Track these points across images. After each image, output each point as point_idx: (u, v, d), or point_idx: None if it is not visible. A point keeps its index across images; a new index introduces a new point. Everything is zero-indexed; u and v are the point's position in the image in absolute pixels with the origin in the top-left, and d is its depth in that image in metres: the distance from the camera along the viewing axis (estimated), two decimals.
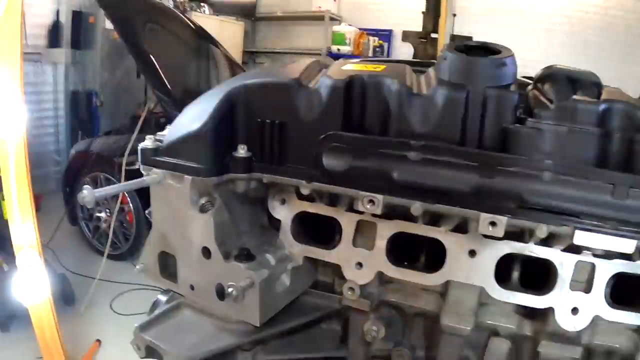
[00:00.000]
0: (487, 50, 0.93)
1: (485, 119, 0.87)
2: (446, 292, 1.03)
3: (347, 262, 0.99)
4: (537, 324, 1.01)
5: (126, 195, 3.66)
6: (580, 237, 0.85)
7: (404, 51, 4.93)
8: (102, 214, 3.94)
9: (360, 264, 0.98)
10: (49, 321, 2.68)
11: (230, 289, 0.89)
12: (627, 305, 0.93)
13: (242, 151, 1.01)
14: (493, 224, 0.84)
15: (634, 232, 0.85)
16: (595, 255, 0.91)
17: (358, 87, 0.91)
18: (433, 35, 4.29)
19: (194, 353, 0.91)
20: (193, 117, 1.04)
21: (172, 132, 1.07)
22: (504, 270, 1.04)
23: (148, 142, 1.09)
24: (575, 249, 0.91)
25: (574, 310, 0.93)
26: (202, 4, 5.08)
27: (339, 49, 5.06)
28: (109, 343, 2.97)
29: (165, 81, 3.47)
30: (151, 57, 3.55)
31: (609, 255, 0.90)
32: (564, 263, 0.93)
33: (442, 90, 0.87)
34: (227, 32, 5.15)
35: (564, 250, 0.92)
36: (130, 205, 3.66)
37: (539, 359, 1.02)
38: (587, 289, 0.93)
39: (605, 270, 0.91)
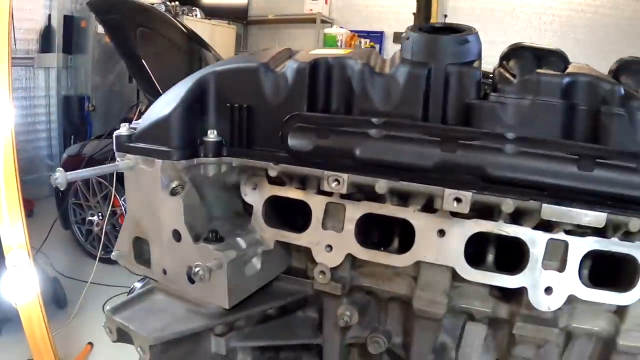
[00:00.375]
0: (452, 30, 0.95)
1: (448, 96, 0.88)
2: (418, 275, 1.03)
3: (317, 245, 0.99)
4: (512, 307, 1.00)
5: (118, 198, 3.68)
6: (548, 212, 0.84)
7: None
8: (95, 218, 3.95)
9: (330, 247, 0.98)
10: (38, 321, 2.70)
11: (197, 269, 0.90)
12: (610, 286, 0.91)
13: (212, 135, 1.02)
14: (458, 200, 0.84)
15: (604, 205, 0.83)
16: (567, 233, 0.90)
17: (323, 69, 0.93)
18: None
19: (163, 334, 0.92)
20: (165, 103, 1.06)
21: (145, 118, 1.09)
22: (479, 252, 1.05)
23: (123, 130, 1.11)
24: (547, 227, 0.90)
25: (548, 290, 0.92)
26: (193, 8, 5.13)
27: None
28: (100, 346, 2.98)
29: (157, 85, 3.50)
30: (142, 61, 3.59)
31: (582, 232, 0.90)
32: (535, 241, 0.91)
33: (403, 68, 0.88)
34: (219, 36, 5.21)
35: (535, 228, 0.91)
36: (123, 208, 3.68)
37: (514, 342, 1.02)
38: (561, 267, 0.92)
39: (579, 248, 0.90)
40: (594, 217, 0.83)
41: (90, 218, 3.96)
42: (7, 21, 2.28)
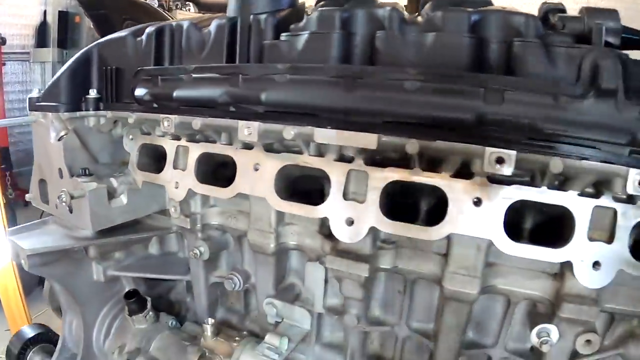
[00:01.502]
0: None
1: (251, 40, 1.10)
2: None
3: (169, 182, 1.28)
4: (332, 242, 1.09)
5: None
6: (320, 135, 0.95)
7: None
8: None
9: (177, 183, 1.26)
10: (14, 293, 3.14)
11: (61, 194, 1.21)
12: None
13: (92, 93, 1.36)
14: (249, 132, 1.04)
15: (380, 128, 0.89)
16: (369, 165, 0.98)
17: (167, 32, 1.23)
18: None
19: (38, 246, 1.23)
20: (60, 70, 1.40)
21: (49, 83, 1.43)
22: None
23: (34, 93, 1.46)
24: (350, 159, 1.00)
25: (349, 221, 1.00)
26: (187, 2, 5.59)
27: None
28: None
29: None
30: None
31: (382, 163, 0.98)
32: (335, 172, 1.01)
33: (215, 22, 1.15)
34: None
35: (337, 160, 1.02)
36: None
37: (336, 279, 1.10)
38: (363, 199, 0.99)
39: (378, 179, 0.97)
40: (365, 139, 0.91)
41: None
42: None
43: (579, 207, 0.87)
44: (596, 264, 0.88)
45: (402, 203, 1.08)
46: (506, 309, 1.09)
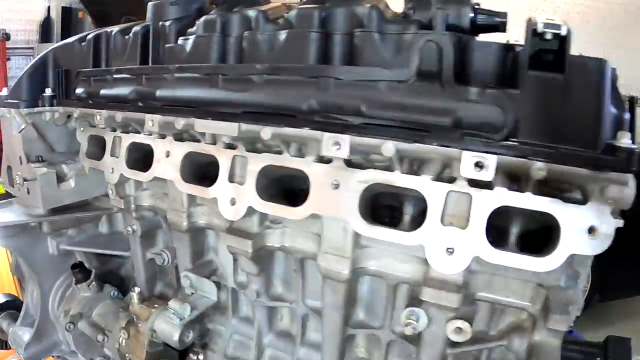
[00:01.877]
0: None
1: (159, 44, 1.36)
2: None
3: (107, 168, 1.56)
4: (229, 222, 1.25)
5: None
6: (199, 125, 1.18)
7: None
8: None
9: (112, 169, 1.54)
10: (7, 274, 3.51)
11: (16, 177, 1.51)
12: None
13: (47, 91, 1.66)
14: (152, 124, 1.29)
15: (235, 116, 1.04)
16: (251, 152, 1.15)
17: (103, 39, 1.52)
18: None
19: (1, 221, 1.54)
20: (22, 72, 1.71)
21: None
22: None
23: (3, 92, 1.77)
24: (236, 147, 1.17)
25: (232, 201, 1.18)
26: None
27: None
28: None
29: None
30: None
31: (257, 149, 1.15)
32: (222, 157, 1.19)
33: (134, 28, 1.41)
34: None
35: (226, 147, 1.19)
36: None
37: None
38: (243, 181, 1.16)
39: (255, 164, 1.15)
40: (229, 127, 1.11)
41: None
42: None
43: (431, 191, 0.95)
44: (449, 250, 0.94)
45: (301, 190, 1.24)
46: (389, 291, 1.16)
